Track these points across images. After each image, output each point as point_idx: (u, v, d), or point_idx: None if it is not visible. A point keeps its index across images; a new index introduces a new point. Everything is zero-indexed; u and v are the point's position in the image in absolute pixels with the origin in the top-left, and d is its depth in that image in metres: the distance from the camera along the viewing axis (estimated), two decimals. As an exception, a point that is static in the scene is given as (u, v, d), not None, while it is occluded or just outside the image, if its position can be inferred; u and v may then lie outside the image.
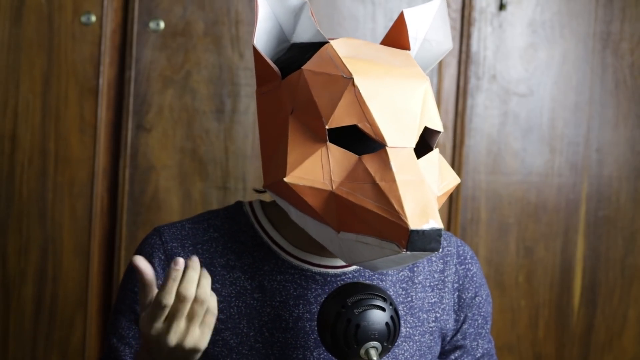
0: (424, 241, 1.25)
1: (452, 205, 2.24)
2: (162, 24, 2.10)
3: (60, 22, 2.08)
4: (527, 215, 2.28)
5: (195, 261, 1.26)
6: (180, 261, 1.25)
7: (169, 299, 1.25)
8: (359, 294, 1.34)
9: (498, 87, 2.25)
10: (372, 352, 1.32)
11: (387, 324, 1.33)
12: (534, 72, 2.27)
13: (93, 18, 2.08)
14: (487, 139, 2.26)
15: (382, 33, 2.16)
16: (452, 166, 2.24)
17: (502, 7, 2.23)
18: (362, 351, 1.32)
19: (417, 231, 1.24)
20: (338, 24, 2.17)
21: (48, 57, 2.08)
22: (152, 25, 2.10)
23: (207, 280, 1.27)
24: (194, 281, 1.25)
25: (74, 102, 2.10)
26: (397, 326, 1.34)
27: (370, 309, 1.32)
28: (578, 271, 2.31)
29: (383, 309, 1.33)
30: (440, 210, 2.24)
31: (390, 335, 1.33)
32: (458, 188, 2.23)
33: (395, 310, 1.34)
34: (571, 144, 2.29)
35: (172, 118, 2.12)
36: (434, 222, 1.25)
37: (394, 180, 1.27)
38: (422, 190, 1.27)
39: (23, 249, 2.10)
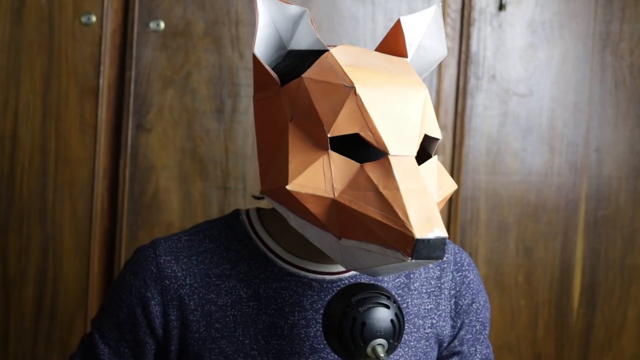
0: (429, 250, 1.25)
1: (451, 205, 2.25)
2: (162, 24, 2.11)
3: (61, 23, 2.09)
4: (527, 215, 2.28)
5: None
6: None
7: None
8: (362, 292, 1.34)
9: (498, 87, 2.26)
10: (379, 349, 1.32)
11: (392, 321, 1.33)
12: (534, 72, 2.27)
13: (93, 18, 2.08)
14: (486, 139, 2.26)
15: (382, 33, 2.16)
16: (452, 166, 2.24)
17: (501, 7, 2.23)
18: (369, 349, 1.32)
19: (422, 240, 1.24)
20: (338, 24, 2.17)
21: (48, 57, 2.09)
22: (152, 25, 2.10)
23: None
24: None
25: (75, 102, 2.10)
26: (402, 323, 1.35)
27: (374, 306, 1.33)
28: (577, 271, 2.31)
29: (387, 307, 1.34)
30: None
31: (395, 332, 1.34)
32: (458, 188, 2.24)
33: (399, 308, 1.35)
34: (571, 144, 2.30)
35: (173, 118, 2.12)
36: (439, 230, 1.26)
37: (397, 189, 1.27)
38: (425, 199, 1.28)
39: (23, 249, 2.10)
